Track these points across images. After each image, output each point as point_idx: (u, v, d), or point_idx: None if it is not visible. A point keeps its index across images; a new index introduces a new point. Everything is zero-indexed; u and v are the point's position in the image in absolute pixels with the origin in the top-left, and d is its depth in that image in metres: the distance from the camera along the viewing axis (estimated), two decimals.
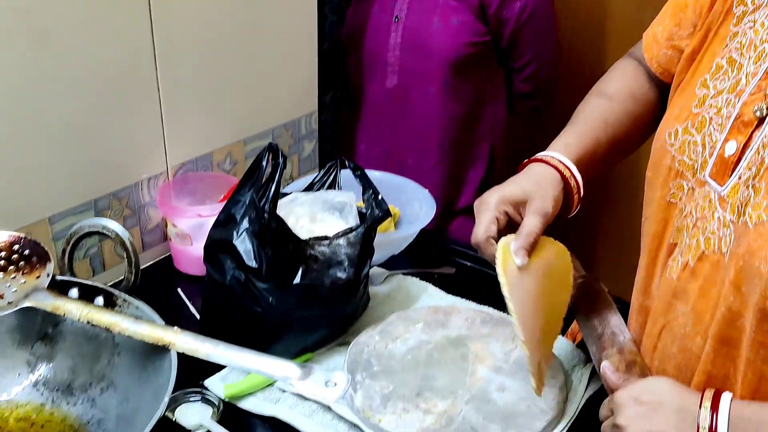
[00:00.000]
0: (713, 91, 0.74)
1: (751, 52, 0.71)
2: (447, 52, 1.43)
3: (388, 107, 1.52)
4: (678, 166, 0.75)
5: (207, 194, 1.16)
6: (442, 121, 1.50)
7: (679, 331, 0.74)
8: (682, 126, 0.75)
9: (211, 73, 1.15)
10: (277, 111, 1.30)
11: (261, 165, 0.92)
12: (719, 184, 0.70)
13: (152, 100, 1.08)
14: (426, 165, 1.53)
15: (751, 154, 0.67)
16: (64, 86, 0.95)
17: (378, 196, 1.02)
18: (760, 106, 0.67)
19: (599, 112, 0.88)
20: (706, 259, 0.70)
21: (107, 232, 0.77)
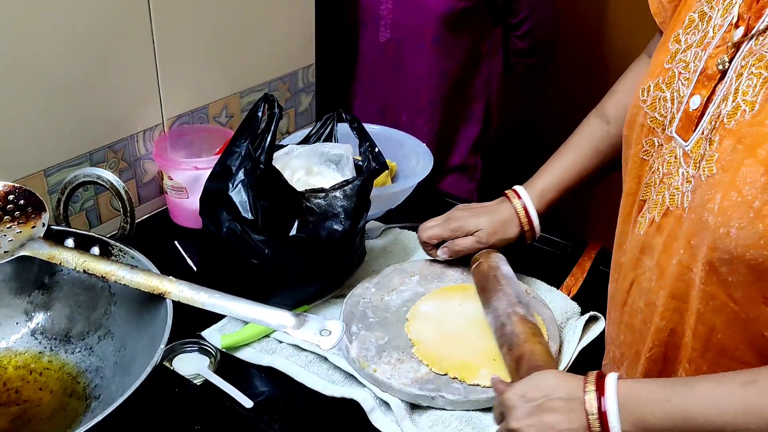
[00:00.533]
0: (684, 45, 0.73)
1: (720, 5, 0.70)
2: (440, 7, 1.39)
3: (382, 62, 1.49)
4: (650, 123, 0.75)
5: (203, 147, 1.16)
6: (434, 77, 1.47)
7: (645, 285, 0.74)
8: (654, 82, 0.74)
9: (207, 26, 1.13)
10: (274, 64, 1.28)
11: (257, 116, 0.92)
12: (684, 139, 0.69)
13: (147, 52, 1.06)
14: (418, 122, 1.51)
15: (713, 108, 0.66)
16: (58, 39, 0.94)
17: (375, 149, 1.01)
18: (722, 59, 0.66)
19: (593, 139, 0.94)
20: (671, 215, 0.70)
21: (102, 182, 0.76)
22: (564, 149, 0.98)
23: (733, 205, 0.61)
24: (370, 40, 1.49)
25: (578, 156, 0.96)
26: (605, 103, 0.96)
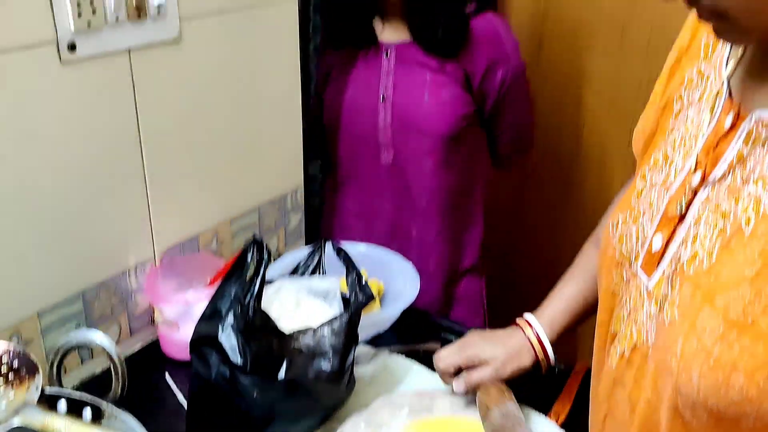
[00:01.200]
0: (649, 183, 0.76)
1: (682, 148, 0.73)
2: (442, 128, 1.45)
3: (387, 182, 1.53)
4: (618, 257, 0.77)
5: (194, 276, 1.18)
6: (441, 191, 1.52)
7: (619, 417, 0.75)
8: (623, 216, 0.77)
9: (197, 156, 1.17)
10: (263, 188, 1.32)
11: (246, 259, 0.94)
12: (647, 276, 0.72)
13: (139, 186, 1.10)
14: (429, 235, 1.56)
15: (673, 249, 0.69)
16: (50, 179, 0.97)
17: (361, 280, 1.04)
18: (680, 202, 0.69)
19: (591, 267, 0.97)
20: (638, 351, 0.72)
21: (95, 346, 0.78)
22: (567, 277, 1.02)
23: (693, 352, 0.62)
24: (371, 163, 1.53)
25: (581, 283, 0.99)
26: (599, 230, 1.00)
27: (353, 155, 1.56)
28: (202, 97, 1.15)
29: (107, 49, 0.99)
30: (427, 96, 1.45)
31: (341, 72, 1.52)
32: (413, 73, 1.46)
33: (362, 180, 1.57)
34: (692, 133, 0.72)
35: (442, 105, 1.45)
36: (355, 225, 1.61)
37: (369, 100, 1.49)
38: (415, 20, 1.44)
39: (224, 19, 1.14)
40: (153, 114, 1.07)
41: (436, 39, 1.42)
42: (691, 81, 0.75)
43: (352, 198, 1.60)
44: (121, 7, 0.98)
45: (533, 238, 2.07)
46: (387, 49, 1.48)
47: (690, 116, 0.74)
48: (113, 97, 1.02)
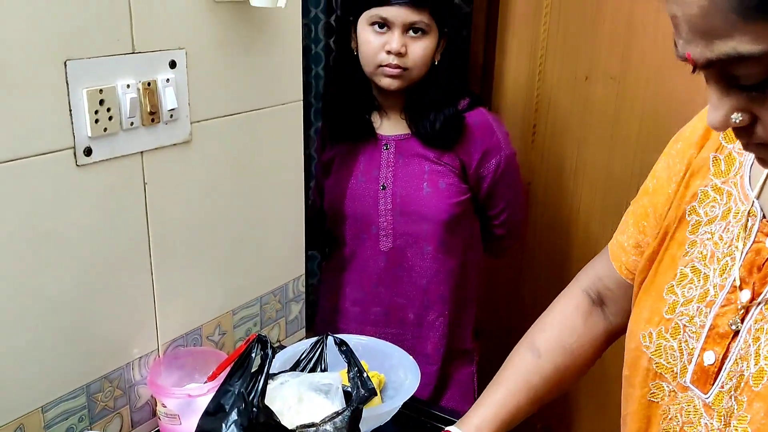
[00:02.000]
0: (682, 298, 0.77)
1: (715, 264, 0.75)
2: (441, 215, 1.51)
3: (385, 267, 1.58)
4: (656, 368, 0.78)
5: (196, 368, 1.19)
6: (439, 275, 1.57)
7: None
8: (656, 330, 0.78)
9: (202, 250, 1.21)
10: (265, 278, 1.35)
11: (250, 356, 0.96)
12: (702, 391, 0.73)
13: (145, 280, 1.12)
14: (428, 318, 1.60)
15: (730, 364, 0.71)
16: (59, 275, 1.00)
17: (363, 375, 1.06)
18: (734, 320, 0.71)
19: (524, 373, 0.95)
20: None
21: None
22: (496, 383, 0.97)
23: None
24: (370, 249, 1.58)
25: (510, 390, 0.95)
26: (535, 336, 0.98)
27: (353, 241, 1.60)
28: (210, 194, 1.19)
29: (121, 153, 1.03)
30: (426, 185, 1.52)
31: (342, 163, 1.59)
32: (412, 163, 1.54)
33: (361, 266, 1.61)
34: (724, 251, 0.74)
35: (441, 193, 1.52)
36: (351, 310, 1.64)
37: (370, 189, 1.55)
38: (414, 117, 1.53)
39: (232, 120, 1.20)
40: (162, 211, 1.11)
41: (435, 134, 1.50)
42: (706, 195, 0.78)
43: (351, 284, 1.64)
44: (136, 113, 1.03)
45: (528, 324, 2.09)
46: (386, 142, 1.55)
47: (716, 232, 0.76)
48: (125, 197, 1.06)
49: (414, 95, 1.52)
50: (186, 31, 1.09)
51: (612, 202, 1.85)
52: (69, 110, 0.96)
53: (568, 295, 1.01)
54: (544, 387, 0.94)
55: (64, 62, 0.94)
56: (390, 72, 1.46)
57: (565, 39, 1.85)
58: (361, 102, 1.55)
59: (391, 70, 1.45)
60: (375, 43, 1.45)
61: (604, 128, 1.85)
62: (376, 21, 1.44)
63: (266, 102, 1.25)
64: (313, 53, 2.00)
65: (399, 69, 1.45)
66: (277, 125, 1.29)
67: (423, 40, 1.45)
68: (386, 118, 1.57)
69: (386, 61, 1.45)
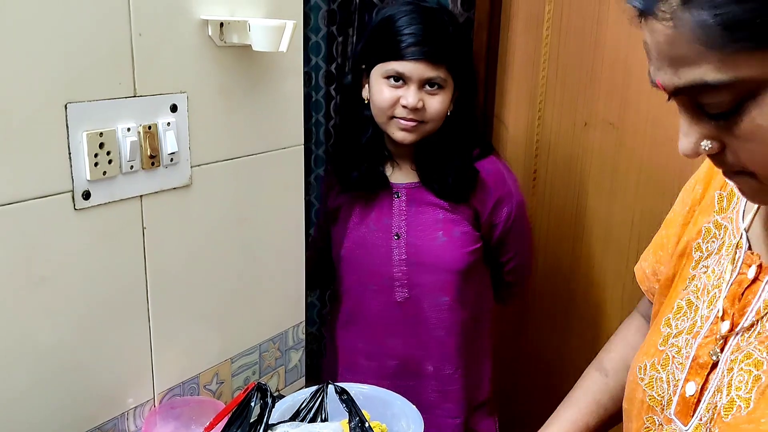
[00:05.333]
0: (675, 330, 0.78)
1: (705, 296, 0.76)
2: (457, 264, 1.49)
3: (400, 318, 1.54)
4: (648, 401, 0.78)
5: (192, 418, 1.15)
6: (456, 326, 1.53)
7: None
8: (650, 362, 0.79)
9: (201, 296, 1.19)
10: (265, 326, 1.32)
11: (250, 405, 0.93)
12: (683, 423, 0.72)
13: (142, 326, 1.10)
14: (447, 370, 1.55)
15: (708, 396, 0.70)
16: (54, 321, 0.98)
17: (365, 425, 1.02)
18: (714, 350, 0.71)
19: (593, 392, 0.98)
20: None
21: None
22: (567, 403, 1.00)
23: None
24: (384, 300, 1.54)
25: (581, 409, 0.98)
26: (602, 357, 1.01)
27: (364, 292, 1.57)
28: (209, 238, 1.18)
29: (120, 196, 1.02)
30: (441, 234, 1.50)
31: (351, 211, 1.56)
32: (426, 212, 1.51)
33: (372, 317, 1.57)
34: (713, 283, 0.75)
35: (456, 242, 1.49)
36: (363, 364, 1.59)
37: (382, 238, 1.52)
38: (425, 170, 1.50)
39: (233, 164, 1.19)
40: (160, 256, 1.10)
41: (448, 188, 1.48)
42: (709, 232, 0.79)
43: (361, 337, 1.59)
44: (136, 157, 1.03)
45: (536, 372, 2.05)
46: (397, 190, 1.53)
47: (710, 266, 0.77)
48: (123, 240, 1.04)
49: (425, 147, 1.49)
50: (188, 74, 1.09)
51: (612, 249, 1.84)
52: (68, 153, 0.95)
53: (630, 319, 1.02)
54: (613, 405, 0.95)
55: (65, 105, 0.93)
56: (405, 125, 1.42)
57: (564, 86, 1.86)
58: (374, 151, 1.52)
59: (407, 123, 1.42)
60: (390, 96, 1.42)
61: (604, 175, 1.84)
62: (392, 75, 1.41)
63: (267, 146, 1.25)
64: (313, 100, 2.01)
65: (414, 122, 1.42)
66: (278, 170, 1.28)
67: (440, 94, 1.42)
68: (397, 167, 1.54)
69: (401, 114, 1.42)
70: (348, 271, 1.58)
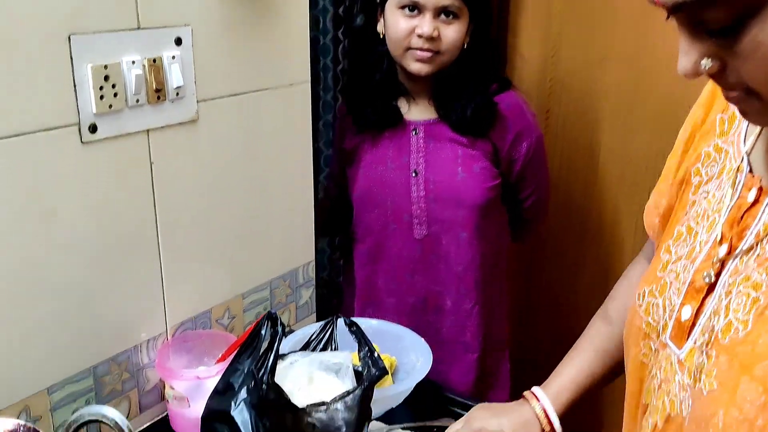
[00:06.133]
0: (674, 256, 0.77)
1: (705, 222, 0.75)
2: (477, 200, 1.48)
3: (420, 256, 1.55)
4: (645, 328, 0.78)
5: (205, 352, 1.17)
6: (475, 261, 1.54)
7: None
8: (648, 288, 0.78)
9: (211, 232, 1.19)
10: (275, 263, 1.33)
11: (260, 333, 0.94)
12: (678, 347, 0.72)
13: (153, 262, 1.11)
14: (465, 306, 1.57)
15: (704, 320, 0.70)
16: (66, 254, 0.99)
17: (374, 354, 1.03)
18: (708, 273, 0.70)
19: (598, 341, 0.99)
20: (672, 421, 0.71)
21: (107, 421, 0.78)
22: (574, 352, 1.01)
23: (736, 422, 0.62)
24: (403, 237, 1.55)
25: (588, 357, 0.99)
26: (608, 305, 1.01)
27: (383, 230, 1.57)
28: (217, 175, 1.17)
29: (127, 130, 1.02)
30: (460, 170, 1.49)
31: (368, 150, 1.55)
32: (444, 149, 1.50)
33: (392, 255, 1.57)
34: (714, 207, 0.74)
35: (475, 177, 1.49)
36: (383, 301, 1.60)
37: (401, 176, 1.52)
38: (444, 104, 1.49)
39: (239, 100, 1.18)
40: (169, 191, 1.10)
41: (467, 122, 1.47)
42: (708, 156, 0.77)
43: (380, 274, 1.60)
44: (142, 90, 1.02)
45: (547, 311, 2.06)
46: (415, 127, 1.52)
47: (711, 191, 0.76)
48: (131, 176, 1.04)
49: (443, 81, 1.47)
50: (192, 7, 1.07)
51: (627, 186, 1.82)
52: (73, 86, 0.95)
53: (634, 264, 1.02)
54: (619, 353, 0.93)
55: (68, 36, 0.93)
56: (421, 56, 1.41)
57: (580, 21, 1.81)
58: (388, 87, 1.51)
59: (422, 53, 1.41)
60: (405, 26, 1.41)
61: (620, 113, 1.81)
62: (407, 4, 1.40)
63: (273, 82, 1.24)
64: (321, 44, 1.97)
65: (430, 53, 1.41)
66: (285, 106, 1.27)
67: (455, 23, 1.41)
68: (414, 103, 1.53)
69: (417, 44, 1.40)
70: (366, 211, 1.58)
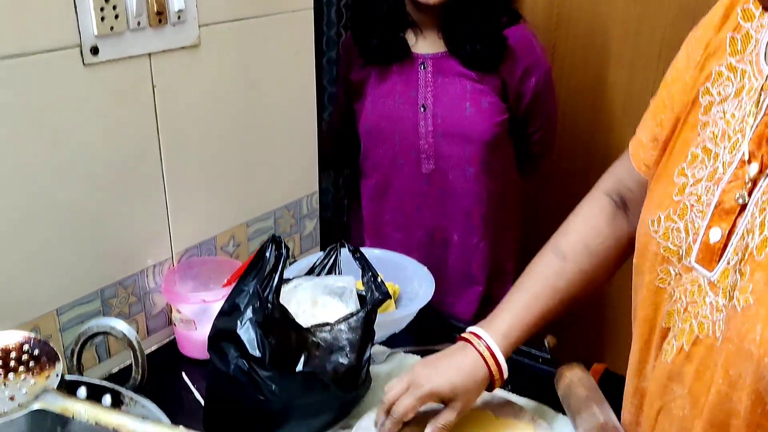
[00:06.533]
0: (692, 179, 0.76)
1: (726, 142, 0.74)
2: (485, 135, 1.48)
3: (427, 190, 1.55)
4: (663, 252, 0.78)
5: (211, 278, 1.19)
6: (482, 196, 1.54)
7: (677, 413, 0.75)
8: (665, 213, 0.78)
9: (214, 160, 1.19)
10: (279, 193, 1.34)
11: (265, 255, 0.95)
12: (707, 269, 0.72)
13: (157, 188, 1.11)
14: (472, 240, 1.58)
15: (736, 239, 0.70)
16: (72, 179, 0.99)
17: (377, 279, 1.05)
18: (741, 194, 0.70)
19: (550, 276, 0.93)
20: (701, 343, 0.72)
21: (115, 333, 0.79)
22: (520, 287, 0.95)
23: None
24: (410, 172, 1.55)
25: (535, 294, 0.93)
26: (560, 240, 0.96)
27: (392, 165, 1.57)
28: (220, 102, 1.17)
29: (129, 53, 1.01)
30: (468, 105, 1.48)
31: (375, 84, 1.54)
32: (453, 83, 1.49)
33: (401, 189, 1.58)
34: (735, 128, 0.73)
35: (484, 112, 1.48)
36: (393, 235, 1.62)
37: (408, 110, 1.51)
38: (452, 37, 1.46)
39: (241, 26, 1.17)
40: (172, 117, 1.09)
41: (477, 56, 1.45)
42: (720, 75, 0.76)
43: (388, 209, 1.61)
44: (143, 13, 1.01)
45: None
46: (423, 61, 1.50)
47: (728, 110, 0.74)
48: (134, 100, 1.04)
49: (452, 12, 1.44)
50: None
51: (632, 121, 1.81)
52: (74, 6, 0.93)
53: (592, 199, 0.99)
54: (570, 291, 0.93)
55: None
56: None
57: None
58: (395, 18, 1.48)
59: None
60: None
61: (626, 46, 1.79)
62: None
63: (276, 8, 1.22)
64: None
65: None
66: (288, 33, 1.26)
67: None
68: (421, 36, 1.51)
69: None
70: (374, 145, 1.57)
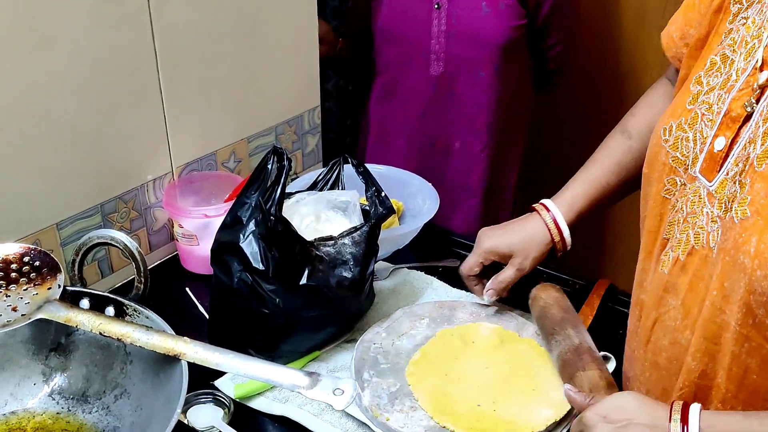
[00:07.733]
0: (706, 87, 0.74)
1: (742, 49, 0.71)
2: (499, 38, 1.43)
3: (433, 95, 1.51)
4: (671, 162, 0.76)
5: (212, 193, 1.17)
6: (490, 104, 1.51)
7: (670, 324, 0.75)
8: (676, 122, 0.76)
9: (213, 73, 1.16)
10: (280, 108, 1.30)
11: (267, 167, 0.93)
12: (708, 179, 0.71)
13: (155, 101, 1.08)
14: (474, 149, 1.55)
15: (738, 150, 0.68)
16: (67, 91, 0.96)
17: (381, 194, 1.03)
18: (749, 101, 0.68)
19: (615, 153, 0.96)
20: (696, 254, 0.71)
21: (116, 244, 0.78)
22: (589, 164, 0.99)
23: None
24: (418, 75, 1.51)
25: (602, 170, 0.97)
26: (627, 120, 0.98)
27: (400, 67, 1.53)
28: (218, 15, 1.12)
29: None
30: (485, 5, 1.43)
31: None
32: None
33: (407, 92, 1.54)
34: (753, 33, 0.70)
35: (500, 14, 1.43)
36: (395, 143, 1.59)
37: (422, 9, 1.46)
38: None
39: None
40: (168, 30, 1.05)
41: None
42: None
43: (395, 113, 1.57)
44: None
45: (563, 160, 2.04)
46: None
47: (750, 16, 0.71)
48: (130, 12, 1.00)
49: None
50: None
51: (648, 25, 1.76)
52: None
53: (657, 84, 0.99)
54: (635, 168, 0.93)
55: None
56: None
57: None
58: None
59: None
60: None
61: None
62: None
63: None
64: None
65: None
66: None
67: None
68: None
69: None
70: (385, 44, 1.53)
